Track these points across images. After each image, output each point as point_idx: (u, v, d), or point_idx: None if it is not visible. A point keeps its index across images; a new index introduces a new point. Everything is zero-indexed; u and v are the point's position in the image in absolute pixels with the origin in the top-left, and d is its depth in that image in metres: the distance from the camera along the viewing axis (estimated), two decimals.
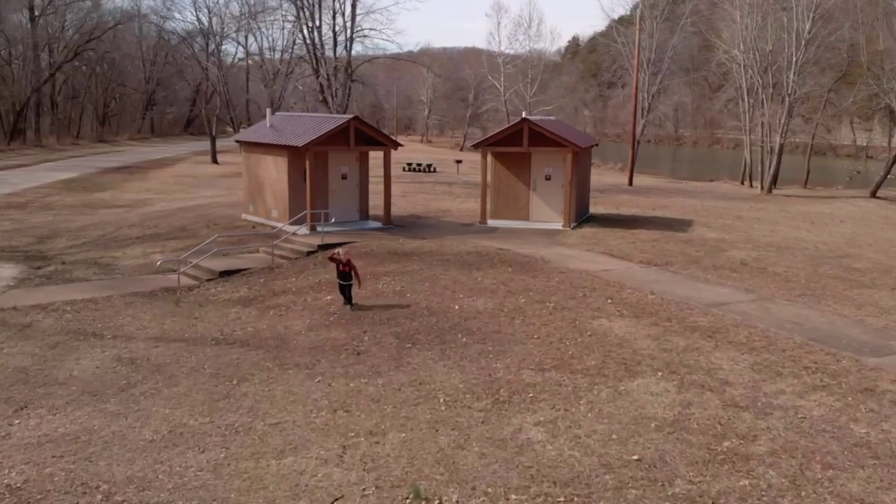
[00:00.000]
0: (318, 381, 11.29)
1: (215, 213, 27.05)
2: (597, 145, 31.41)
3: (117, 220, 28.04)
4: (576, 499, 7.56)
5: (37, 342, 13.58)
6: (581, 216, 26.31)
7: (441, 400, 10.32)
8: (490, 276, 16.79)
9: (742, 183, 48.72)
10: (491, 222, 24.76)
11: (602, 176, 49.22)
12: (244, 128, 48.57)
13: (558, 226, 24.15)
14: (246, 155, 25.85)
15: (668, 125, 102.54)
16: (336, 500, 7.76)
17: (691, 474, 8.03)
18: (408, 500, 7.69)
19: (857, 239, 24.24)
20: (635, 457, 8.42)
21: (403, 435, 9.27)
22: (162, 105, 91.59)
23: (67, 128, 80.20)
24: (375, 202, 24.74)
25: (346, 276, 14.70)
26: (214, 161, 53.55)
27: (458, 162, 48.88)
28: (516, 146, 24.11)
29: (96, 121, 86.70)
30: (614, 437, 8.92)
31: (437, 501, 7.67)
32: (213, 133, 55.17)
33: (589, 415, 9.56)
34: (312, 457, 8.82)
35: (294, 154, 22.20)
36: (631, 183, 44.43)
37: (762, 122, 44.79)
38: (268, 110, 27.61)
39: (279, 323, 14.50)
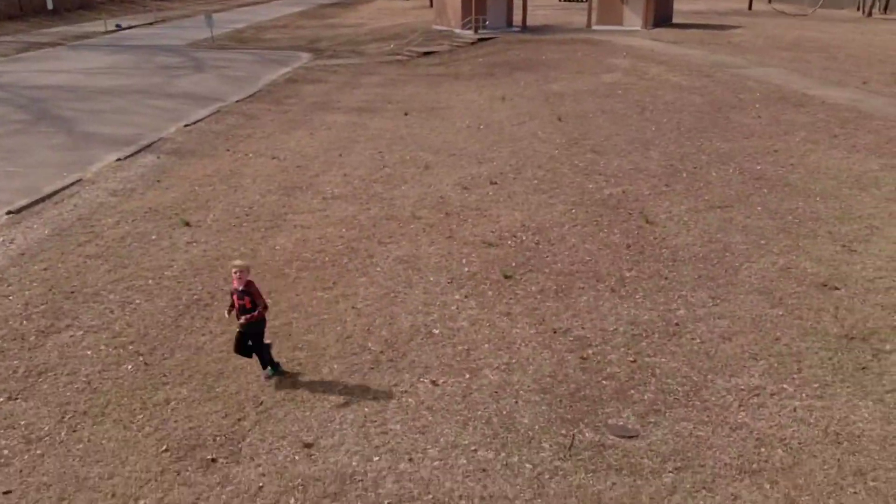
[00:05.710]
0: (473, 83, 25.76)
1: (414, 26, 41.58)
2: None
3: (352, 33, 43.37)
4: (561, 99, 21.63)
5: (342, 76, 28.97)
6: (661, 22, 38.14)
7: (522, 83, 24.47)
8: (569, 47, 30.24)
9: (859, 10, 54.73)
10: (594, 27, 37.42)
11: (738, 3, 57.43)
12: None
13: (638, 27, 36.44)
14: None
15: None
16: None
17: (608, 81, 21.76)
18: (499, 99, 22.06)
19: (867, 43, 33.67)
20: (592, 88, 22.28)
21: (503, 91, 23.56)
22: None
23: None
24: (519, 15, 38.17)
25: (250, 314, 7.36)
26: None
27: None
28: None
29: None
30: (586, 87, 22.74)
31: (510, 100, 21.98)
32: None
33: (580, 82, 23.39)
34: (470, 94, 23.41)
35: None
36: (750, 8, 53.14)
37: None
38: None
39: (455, 70, 28.98)
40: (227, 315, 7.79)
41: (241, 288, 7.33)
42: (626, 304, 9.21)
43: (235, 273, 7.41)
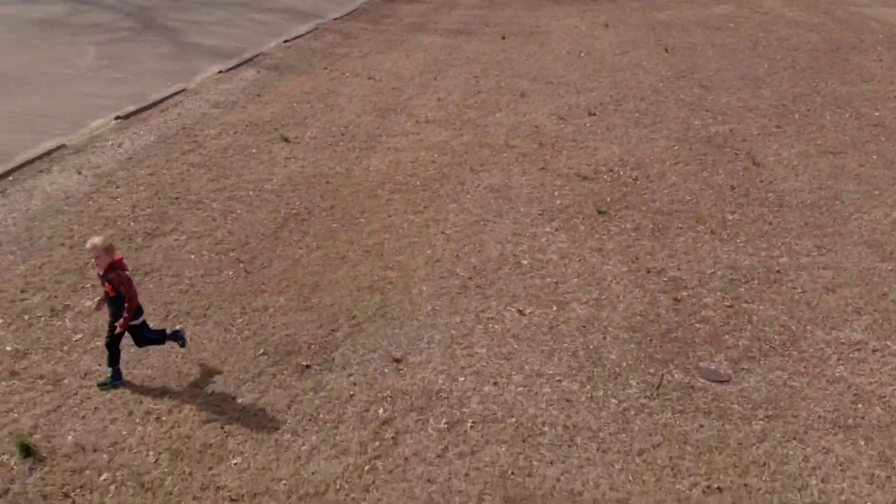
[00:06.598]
0: (574, 8, 24.85)
1: None
2: None
3: None
4: (668, 29, 20.66)
5: (425, 6, 28.41)
6: None
7: (627, 10, 23.43)
8: None
9: None
10: None
11: None
12: None
13: None
14: None
15: None
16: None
17: (720, 13, 20.64)
18: (602, 26, 21.22)
19: None
20: (702, 19, 21.17)
21: (606, 17, 22.64)
22: None
23: None
24: None
25: (117, 307, 6.09)
26: None
27: None
28: None
29: None
30: (695, 18, 21.61)
31: (613, 27, 21.12)
32: None
33: (689, 12, 22.25)
34: (571, 20, 22.63)
35: None
36: None
37: None
38: None
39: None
40: (95, 309, 6.44)
41: (101, 273, 5.99)
42: (727, 247, 8.92)
43: (91, 254, 5.90)
